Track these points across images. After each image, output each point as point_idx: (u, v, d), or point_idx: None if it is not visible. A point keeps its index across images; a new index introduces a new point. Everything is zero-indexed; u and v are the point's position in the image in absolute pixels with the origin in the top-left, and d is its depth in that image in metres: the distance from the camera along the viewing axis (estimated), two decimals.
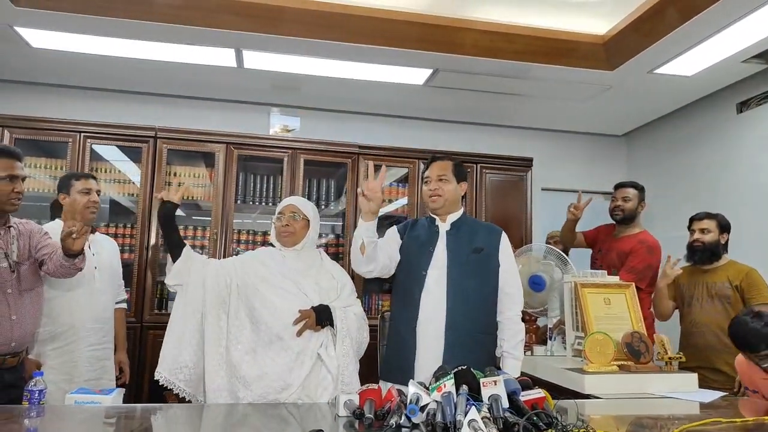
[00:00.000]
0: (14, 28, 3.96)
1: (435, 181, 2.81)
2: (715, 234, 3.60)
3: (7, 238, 2.60)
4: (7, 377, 2.50)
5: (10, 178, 2.52)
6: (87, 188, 3.20)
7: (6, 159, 2.54)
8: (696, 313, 3.57)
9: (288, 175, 4.72)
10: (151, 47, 4.26)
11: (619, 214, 4.05)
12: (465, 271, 2.74)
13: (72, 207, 3.05)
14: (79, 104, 5.07)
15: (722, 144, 4.95)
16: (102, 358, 3.23)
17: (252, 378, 2.46)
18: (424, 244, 2.82)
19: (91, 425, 1.94)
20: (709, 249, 3.59)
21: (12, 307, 2.53)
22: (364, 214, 2.57)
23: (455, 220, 2.87)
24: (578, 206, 4.06)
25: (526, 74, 4.54)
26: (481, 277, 2.77)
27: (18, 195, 2.57)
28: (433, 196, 2.81)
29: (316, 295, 2.63)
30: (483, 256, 2.79)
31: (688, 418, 2.23)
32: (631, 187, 4.09)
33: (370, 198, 2.52)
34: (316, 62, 4.44)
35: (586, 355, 2.81)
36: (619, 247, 4.00)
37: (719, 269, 3.58)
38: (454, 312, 2.68)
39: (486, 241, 2.82)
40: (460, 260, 2.76)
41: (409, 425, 1.65)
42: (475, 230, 2.87)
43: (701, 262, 3.61)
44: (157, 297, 4.42)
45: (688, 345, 3.55)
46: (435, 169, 2.84)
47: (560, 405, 2.01)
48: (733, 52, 4.09)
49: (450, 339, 2.66)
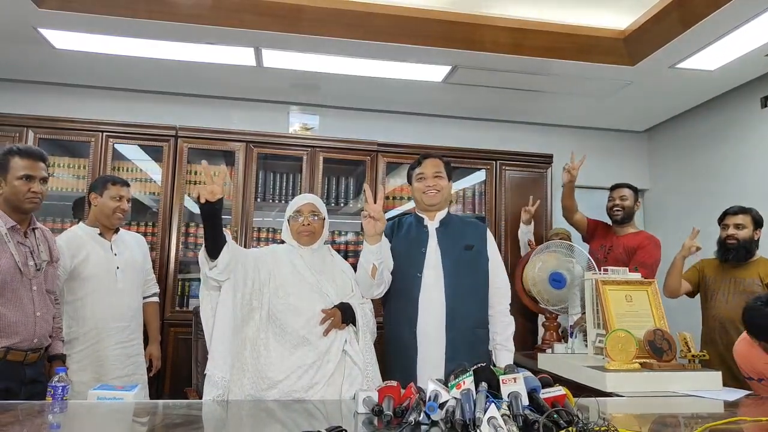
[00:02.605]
0: (38, 29, 4.01)
1: (432, 178, 2.85)
2: (749, 230, 3.50)
3: (32, 238, 2.68)
4: (29, 372, 2.55)
5: (26, 177, 2.58)
6: (120, 195, 3.27)
7: (26, 159, 2.60)
8: (720, 307, 3.50)
9: (307, 173, 4.74)
10: (172, 47, 4.29)
11: (619, 213, 4.13)
12: (459, 268, 2.79)
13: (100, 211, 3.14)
14: (101, 104, 5.13)
15: (746, 139, 4.87)
16: (132, 354, 3.28)
17: (279, 378, 2.44)
18: (414, 244, 2.85)
19: (113, 421, 1.96)
20: (744, 246, 3.50)
21: (36, 305, 2.60)
22: (369, 237, 2.57)
23: (443, 217, 2.91)
24: (573, 166, 4.16)
25: (545, 70, 4.50)
26: (474, 273, 2.83)
27: (35, 195, 2.61)
28: (432, 191, 2.84)
29: (335, 293, 2.62)
30: (474, 253, 2.85)
31: (711, 416, 2.20)
32: (627, 188, 4.18)
33: (378, 218, 2.53)
34: (335, 60, 4.44)
35: (608, 353, 2.78)
36: (626, 243, 4.04)
37: (750, 265, 3.49)
38: (454, 310, 2.73)
39: (474, 237, 2.89)
40: (453, 258, 2.81)
41: (428, 422, 1.65)
42: (462, 227, 2.92)
43: (735, 260, 3.52)
44: (178, 295, 4.47)
45: (709, 341, 3.49)
46: (430, 166, 2.87)
47: (581, 403, 1.99)
48: (756, 46, 4.02)
49: (451, 337, 2.72)
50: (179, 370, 4.23)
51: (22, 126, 4.37)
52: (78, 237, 3.19)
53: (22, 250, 2.58)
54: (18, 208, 2.60)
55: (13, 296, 2.52)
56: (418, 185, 2.89)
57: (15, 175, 2.57)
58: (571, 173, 4.21)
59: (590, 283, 3.23)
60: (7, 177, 2.58)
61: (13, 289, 2.52)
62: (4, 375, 2.45)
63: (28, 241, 2.65)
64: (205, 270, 2.42)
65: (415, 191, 2.92)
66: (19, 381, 2.50)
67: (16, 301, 2.52)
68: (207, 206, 2.30)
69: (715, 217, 3.80)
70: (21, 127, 4.37)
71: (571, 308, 3.69)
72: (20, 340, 2.51)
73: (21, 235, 2.61)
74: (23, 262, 2.57)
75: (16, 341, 2.50)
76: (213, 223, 2.35)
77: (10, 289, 2.51)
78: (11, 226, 2.57)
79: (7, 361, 2.47)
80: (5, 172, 2.58)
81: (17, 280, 2.54)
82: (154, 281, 3.69)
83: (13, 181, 2.56)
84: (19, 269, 2.54)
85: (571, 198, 4.34)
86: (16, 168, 2.58)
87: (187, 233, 4.60)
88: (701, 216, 3.81)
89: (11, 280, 2.51)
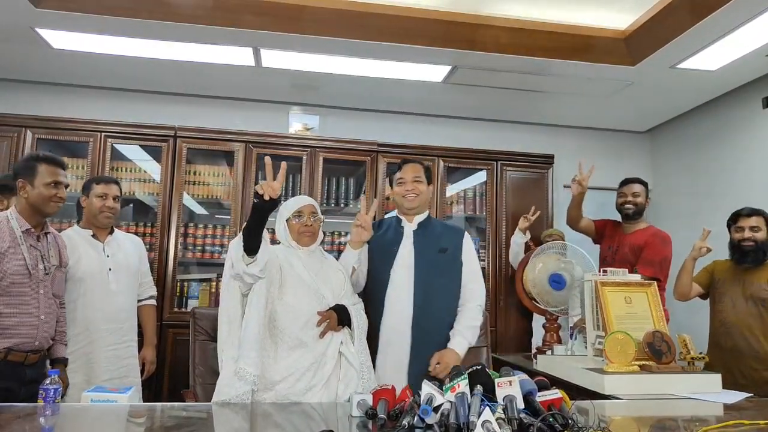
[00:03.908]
0: (35, 29, 4.01)
1: (411, 182, 2.91)
2: (764, 232, 3.41)
3: (44, 242, 2.75)
4: (29, 373, 2.58)
5: (55, 183, 2.69)
6: (104, 193, 3.27)
7: (53, 166, 2.71)
8: (727, 311, 3.43)
9: (307, 173, 4.73)
10: (171, 47, 4.28)
11: (631, 209, 4.06)
12: (432, 270, 2.83)
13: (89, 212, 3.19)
14: (99, 104, 5.12)
15: (748, 139, 4.85)
16: (124, 357, 3.27)
17: (276, 379, 2.43)
18: (388, 243, 2.91)
19: (106, 423, 1.95)
20: (762, 248, 3.40)
21: (41, 308, 2.65)
22: (354, 243, 2.76)
23: (422, 220, 2.97)
24: (584, 177, 4.06)
25: (546, 70, 4.49)
26: (446, 276, 2.87)
27: (60, 200, 2.72)
28: (411, 194, 2.90)
29: (331, 294, 2.61)
30: (448, 256, 2.89)
31: (710, 419, 2.18)
32: (638, 183, 4.11)
33: (366, 229, 2.72)
34: (334, 60, 4.43)
35: (607, 355, 2.76)
36: (632, 241, 3.98)
37: (761, 269, 3.41)
38: (421, 309, 2.76)
39: (450, 241, 2.93)
40: (426, 259, 2.85)
41: (423, 426, 1.63)
42: (440, 231, 2.98)
43: (754, 263, 3.42)
44: (177, 296, 4.45)
45: (714, 344, 3.45)
46: (409, 171, 2.93)
47: (579, 406, 1.97)
48: (758, 46, 4.00)
49: (416, 336, 2.75)
50: (178, 371, 4.21)
51: (20, 126, 4.37)
52: (70, 239, 3.20)
53: (33, 254, 2.65)
54: (41, 212, 2.69)
55: (19, 298, 2.56)
56: (398, 189, 2.95)
57: (43, 181, 2.65)
58: (581, 185, 4.10)
59: (589, 285, 3.22)
60: (34, 182, 2.65)
61: (20, 291, 2.57)
62: (4, 375, 2.49)
63: (41, 244, 2.71)
64: (241, 267, 2.36)
65: (395, 195, 2.98)
66: (19, 381, 2.53)
67: (20, 303, 2.56)
68: (267, 203, 2.30)
69: (717, 217, 3.77)
70: (19, 128, 4.36)
71: (571, 309, 3.67)
72: (21, 341, 2.54)
73: (34, 238, 2.68)
74: (33, 265, 2.63)
75: (17, 342, 2.53)
76: (262, 220, 2.37)
77: (17, 291, 2.56)
78: (26, 229, 2.64)
79: (7, 362, 2.50)
80: (32, 177, 2.65)
81: (25, 282, 2.59)
82: (151, 284, 3.67)
83: (41, 187, 2.65)
84: (29, 272, 2.60)
85: (578, 208, 4.29)
86: (44, 174, 2.66)
87: (186, 234, 4.59)
88: (703, 216, 3.78)
89: (20, 283, 2.57)
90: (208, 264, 4.71)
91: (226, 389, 2.35)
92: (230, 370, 2.38)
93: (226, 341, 2.46)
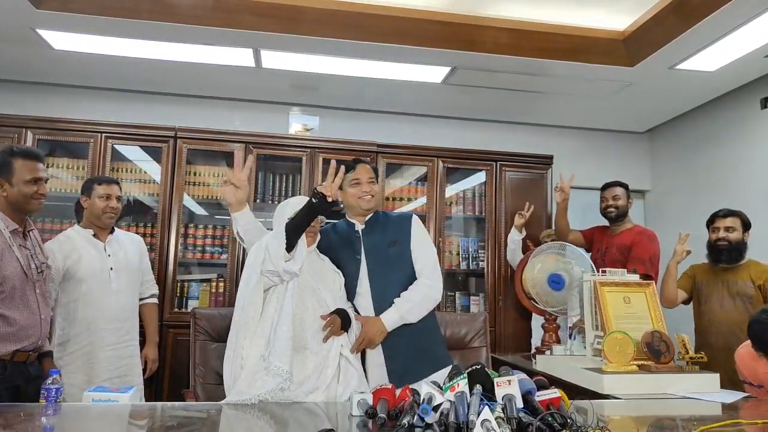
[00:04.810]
0: (36, 30, 4.02)
1: (366, 183, 2.85)
2: (739, 232, 3.53)
3: (30, 241, 2.68)
4: (32, 370, 2.57)
5: (34, 180, 2.57)
6: (107, 194, 3.27)
7: (30, 161, 2.58)
8: (715, 311, 3.52)
9: (307, 174, 4.74)
10: (171, 48, 4.29)
11: (612, 212, 4.19)
12: (383, 264, 2.79)
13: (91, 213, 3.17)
14: (100, 105, 5.13)
15: (746, 140, 4.86)
16: (125, 356, 3.27)
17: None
18: (351, 254, 2.84)
19: (107, 423, 1.96)
20: (736, 248, 3.52)
21: (41, 306, 2.61)
22: (233, 205, 2.65)
23: (368, 218, 2.90)
24: (564, 184, 4.26)
25: (545, 71, 4.50)
26: (399, 269, 2.80)
27: (41, 196, 2.61)
28: (368, 196, 2.84)
29: (330, 296, 2.63)
30: (399, 248, 2.83)
31: (708, 419, 2.19)
32: (618, 186, 4.24)
33: (239, 186, 2.65)
34: (334, 61, 4.44)
35: (605, 355, 2.77)
36: (619, 242, 4.07)
37: (741, 268, 3.52)
38: (381, 307, 2.71)
39: (399, 232, 2.86)
40: (377, 257, 2.80)
41: (422, 425, 1.64)
42: (387, 223, 2.91)
43: (728, 262, 3.54)
44: (177, 296, 4.46)
45: (704, 344, 3.49)
46: (363, 172, 2.87)
47: (578, 405, 1.99)
48: (756, 47, 4.01)
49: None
50: (178, 371, 4.22)
51: (21, 127, 4.38)
52: (71, 239, 3.20)
53: (24, 254, 2.57)
54: (23, 210, 2.60)
55: (22, 301, 2.52)
56: (354, 191, 2.86)
57: (22, 178, 2.54)
58: (564, 191, 4.29)
59: (588, 285, 3.23)
60: (12, 180, 2.53)
61: (22, 293, 2.53)
62: (13, 374, 2.47)
63: (28, 243, 2.64)
64: (280, 264, 2.40)
65: (349, 197, 2.87)
66: (25, 379, 2.52)
67: (24, 305, 2.52)
68: (327, 204, 2.38)
69: None
70: (20, 128, 4.37)
71: (570, 310, 3.68)
72: (30, 343, 2.53)
73: (21, 237, 2.60)
74: (27, 265, 2.56)
75: (26, 344, 2.51)
76: (311, 220, 2.48)
77: (20, 294, 2.51)
78: (14, 229, 2.55)
79: (14, 362, 2.48)
80: (9, 175, 2.54)
81: (24, 284, 2.54)
82: (153, 282, 3.68)
83: (20, 185, 2.53)
84: (24, 273, 2.54)
85: (564, 218, 4.40)
86: (23, 170, 2.54)
87: (186, 234, 4.59)
88: (702, 217, 3.78)
89: (20, 285, 2.51)
90: (208, 264, 4.71)
91: (259, 383, 2.32)
92: (258, 366, 2.36)
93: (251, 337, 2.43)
